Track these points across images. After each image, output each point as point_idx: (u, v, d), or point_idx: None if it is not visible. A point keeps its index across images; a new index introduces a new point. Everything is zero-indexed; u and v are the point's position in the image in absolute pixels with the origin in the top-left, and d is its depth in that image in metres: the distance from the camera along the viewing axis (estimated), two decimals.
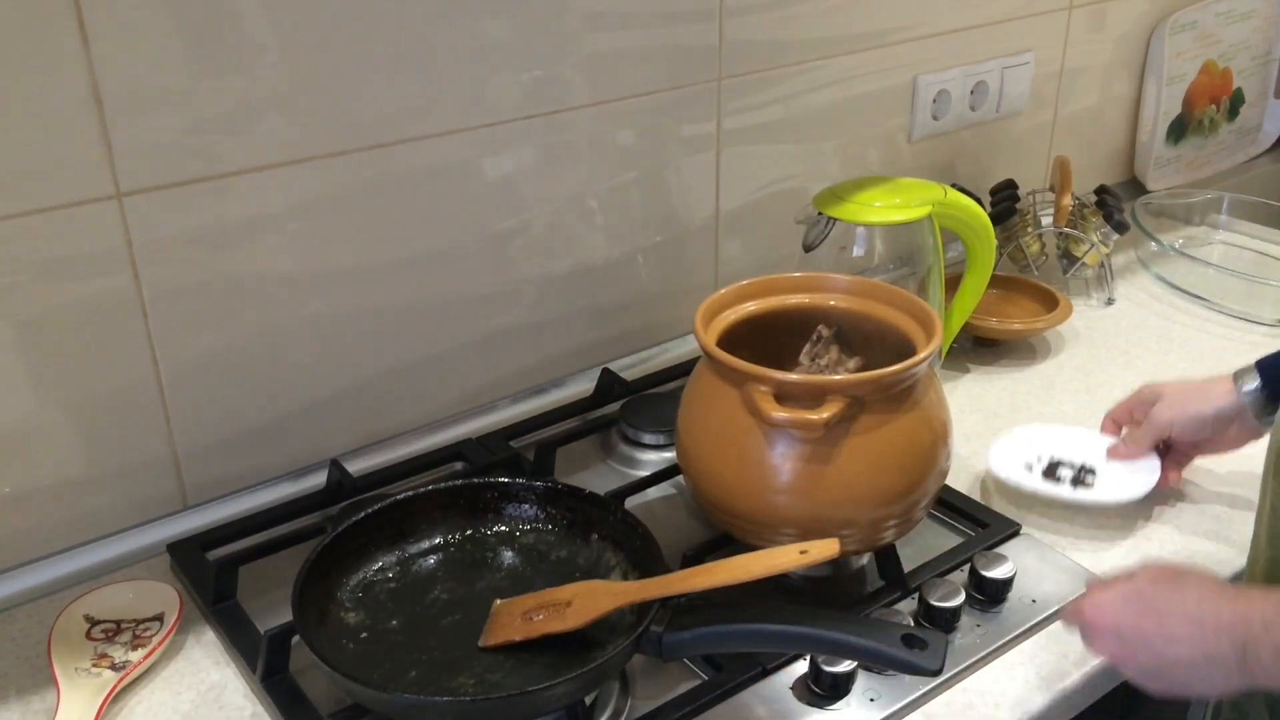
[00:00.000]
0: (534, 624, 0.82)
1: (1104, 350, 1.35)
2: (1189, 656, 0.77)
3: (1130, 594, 0.81)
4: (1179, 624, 0.77)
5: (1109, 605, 0.81)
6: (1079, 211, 1.48)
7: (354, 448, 1.11)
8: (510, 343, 1.19)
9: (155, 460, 1.00)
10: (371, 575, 0.90)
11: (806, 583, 0.96)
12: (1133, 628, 0.79)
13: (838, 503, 0.87)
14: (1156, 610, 0.79)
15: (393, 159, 1.04)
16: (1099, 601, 0.82)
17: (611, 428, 1.17)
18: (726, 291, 0.98)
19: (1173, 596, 0.79)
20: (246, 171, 0.96)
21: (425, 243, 1.09)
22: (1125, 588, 0.81)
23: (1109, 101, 1.71)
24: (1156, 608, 0.79)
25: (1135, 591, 0.81)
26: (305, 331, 1.04)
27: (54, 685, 0.85)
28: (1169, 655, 0.78)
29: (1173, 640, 0.78)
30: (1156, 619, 0.78)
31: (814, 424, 0.84)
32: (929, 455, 0.89)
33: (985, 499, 1.07)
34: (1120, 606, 0.80)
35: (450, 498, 0.94)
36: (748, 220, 1.33)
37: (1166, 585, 0.80)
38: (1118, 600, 0.81)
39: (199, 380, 1.00)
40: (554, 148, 1.14)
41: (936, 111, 1.45)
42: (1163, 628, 0.78)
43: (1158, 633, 0.78)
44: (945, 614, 0.89)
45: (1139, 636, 0.79)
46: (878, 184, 1.17)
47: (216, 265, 0.97)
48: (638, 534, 0.88)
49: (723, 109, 1.25)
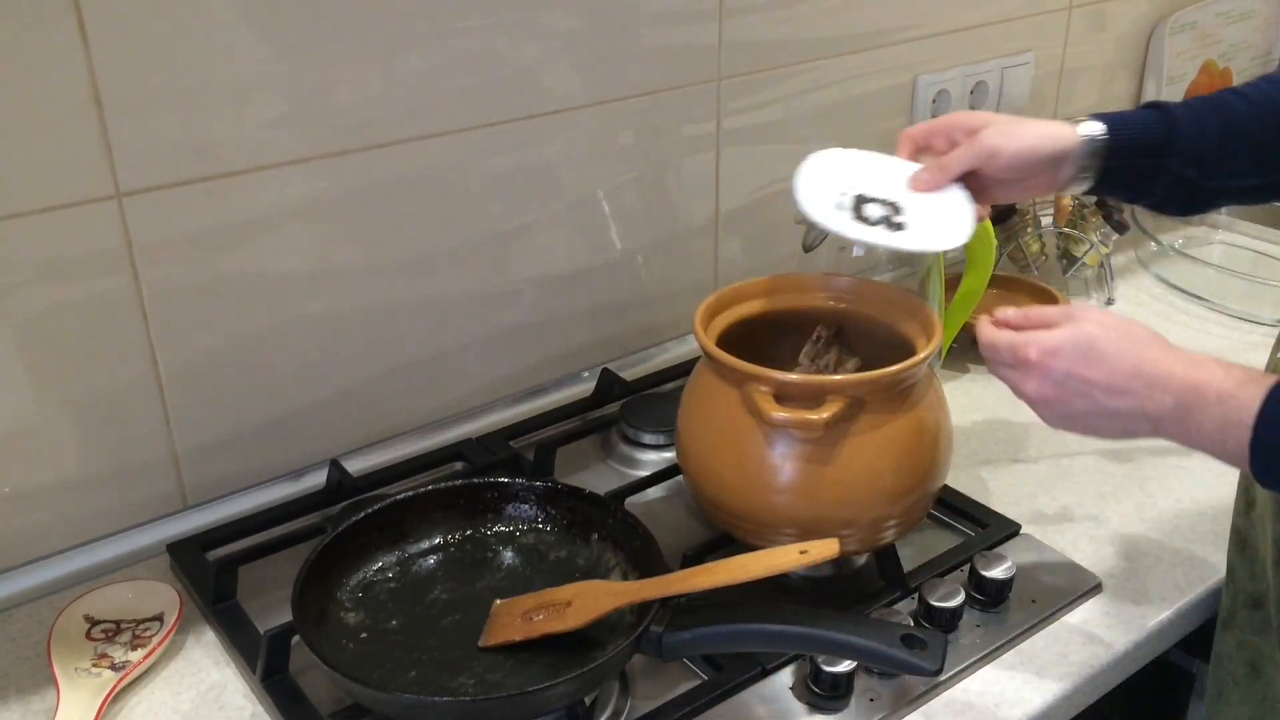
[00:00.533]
0: (534, 624, 0.82)
1: None
2: (1126, 409, 0.77)
3: (1082, 339, 0.79)
4: (1127, 378, 0.77)
5: (1059, 348, 0.79)
6: (1079, 211, 1.48)
7: (354, 448, 1.11)
8: (510, 343, 1.19)
9: (155, 460, 1.00)
10: (371, 575, 0.90)
11: (806, 583, 0.96)
12: (1077, 374, 0.78)
13: (838, 503, 0.87)
14: (1106, 360, 0.78)
15: (393, 159, 1.04)
16: (1046, 342, 0.79)
17: (611, 428, 1.17)
18: (726, 291, 0.98)
19: (1127, 349, 0.78)
20: (246, 172, 0.96)
21: (425, 243, 1.09)
22: (1074, 331, 0.79)
23: (1109, 101, 1.71)
24: (1106, 357, 0.78)
25: (1086, 336, 0.79)
26: (305, 331, 1.04)
27: (54, 685, 0.85)
28: (1107, 406, 0.78)
29: (1115, 392, 0.77)
30: (1106, 369, 0.78)
31: (814, 424, 0.84)
32: (929, 455, 0.89)
33: (985, 498, 1.07)
34: (1070, 351, 0.78)
35: (450, 498, 0.94)
36: (748, 220, 1.33)
37: (1118, 335, 0.79)
38: (1067, 344, 0.79)
39: (199, 380, 1.00)
40: (554, 148, 1.14)
41: (936, 111, 1.45)
42: (1110, 378, 0.77)
43: (1103, 382, 0.77)
44: (945, 614, 0.89)
45: (1080, 383, 0.78)
46: None
47: (216, 265, 0.97)
48: (637, 534, 0.88)
49: (722, 109, 1.25)
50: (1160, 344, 0.79)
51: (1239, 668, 0.92)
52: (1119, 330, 0.79)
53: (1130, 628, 0.92)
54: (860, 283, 1.00)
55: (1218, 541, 1.01)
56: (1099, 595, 0.95)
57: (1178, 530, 1.03)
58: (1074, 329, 0.80)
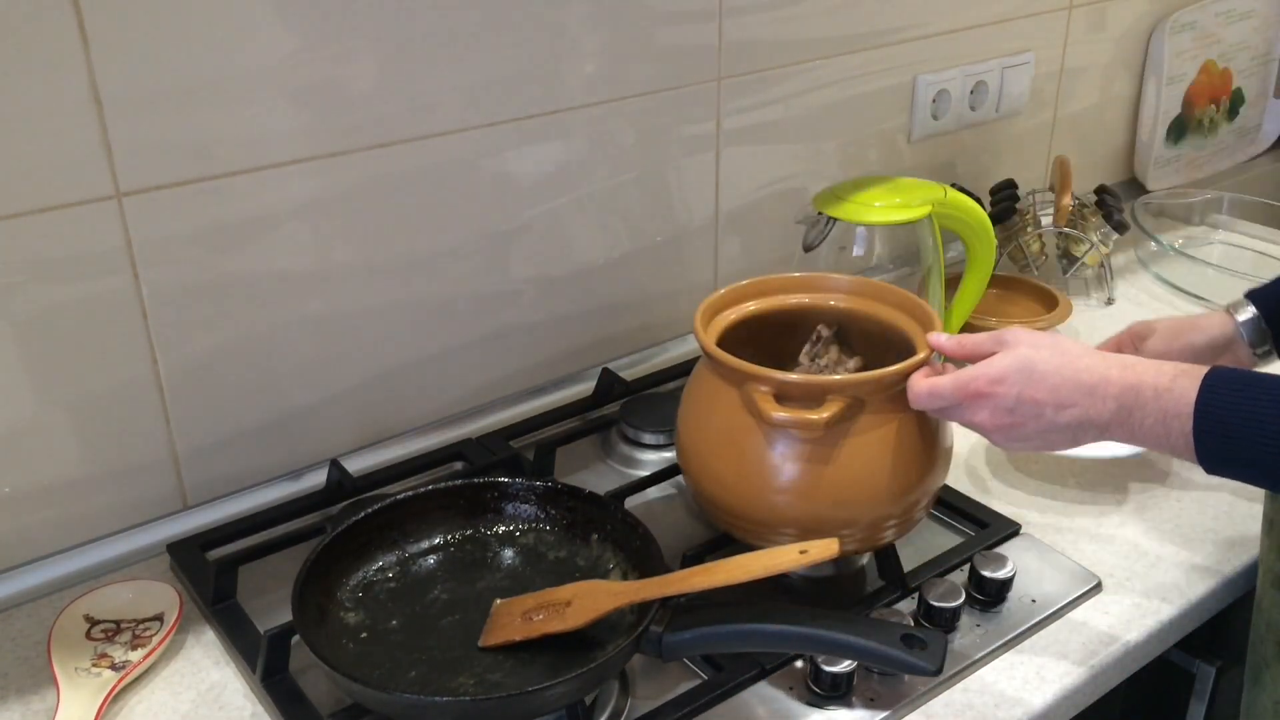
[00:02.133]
0: (534, 624, 0.82)
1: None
2: (1074, 420, 0.80)
3: (1023, 363, 0.81)
4: (1071, 391, 0.80)
5: (1004, 375, 0.81)
6: (1079, 211, 1.47)
7: (354, 447, 1.11)
8: (510, 342, 1.19)
9: (155, 460, 1.00)
10: (371, 575, 0.90)
11: (806, 583, 0.96)
12: (1027, 398, 0.81)
13: (837, 502, 0.87)
14: (1047, 379, 0.81)
15: (393, 159, 1.04)
16: (991, 372, 0.82)
17: (611, 428, 1.17)
18: (726, 291, 0.98)
19: (1063, 364, 0.81)
20: (247, 171, 0.96)
21: (425, 242, 1.09)
22: (1014, 357, 0.82)
23: (1109, 101, 1.71)
24: (1047, 375, 0.81)
25: (1025, 360, 0.81)
26: (305, 331, 1.04)
27: (54, 685, 0.85)
28: (1057, 421, 0.81)
29: (1063, 407, 0.80)
30: (1049, 388, 0.80)
31: (814, 424, 0.84)
32: (929, 455, 0.89)
33: (985, 498, 1.06)
34: (1015, 377, 0.81)
35: (450, 498, 0.94)
36: (747, 220, 1.33)
37: (1051, 352, 0.82)
38: (1012, 370, 0.81)
39: (199, 380, 1.00)
40: (554, 148, 1.14)
41: (936, 111, 1.45)
42: (1055, 395, 0.80)
43: (1050, 400, 0.80)
44: (945, 614, 0.89)
45: (1031, 405, 0.81)
46: (878, 184, 1.17)
47: (216, 265, 0.97)
48: (637, 534, 0.88)
49: (722, 109, 1.25)
50: (1090, 353, 0.82)
51: (1269, 649, 0.92)
52: (1050, 347, 0.82)
53: (1131, 627, 0.91)
54: (860, 282, 1.00)
55: (1218, 540, 1.01)
56: (1099, 595, 0.95)
57: (1178, 529, 1.03)
58: (1012, 355, 0.82)
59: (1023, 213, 1.48)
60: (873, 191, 1.15)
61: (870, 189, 1.16)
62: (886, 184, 1.18)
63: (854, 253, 1.18)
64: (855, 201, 1.14)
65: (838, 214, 1.13)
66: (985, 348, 0.85)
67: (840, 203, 1.14)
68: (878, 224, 1.15)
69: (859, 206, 1.13)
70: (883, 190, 1.16)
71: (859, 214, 1.13)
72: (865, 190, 1.15)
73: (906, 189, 1.17)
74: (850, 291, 1.00)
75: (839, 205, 1.14)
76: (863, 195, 1.14)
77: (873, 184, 1.17)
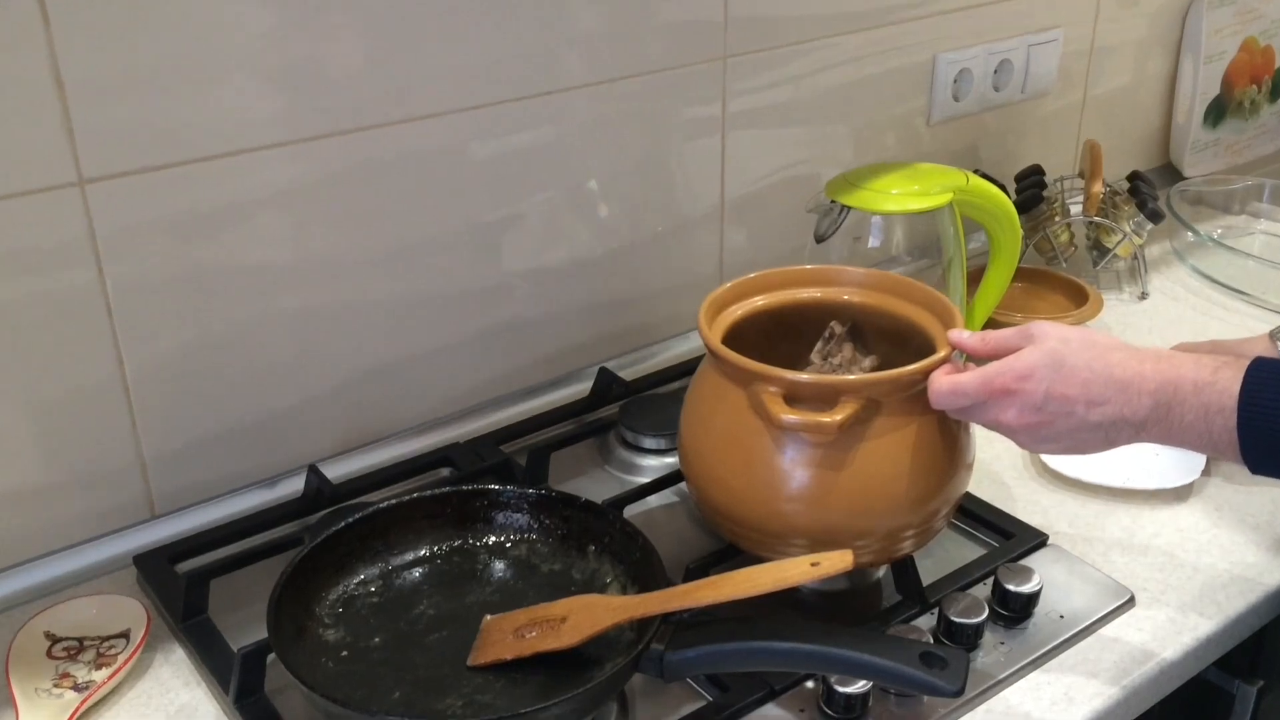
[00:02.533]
0: (526, 641, 0.82)
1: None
2: (1108, 418, 0.80)
3: (1052, 357, 0.81)
4: (1103, 387, 0.80)
5: (1032, 371, 0.81)
6: (1110, 199, 1.48)
7: (334, 453, 1.12)
8: (501, 340, 1.19)
9: (120, 466, 1.00)
10: (352, 589, 0.90)
11: (818, 597, 0.96)
12: (1056, 394, 0.80)
13: (852, 512, 0.87)
14: (1078, 374, 0.80)
15: (375, 143, 1.04)
16: (1018, 368, 0.81)
17: (609, 431, 1.17)
18: (732, 285, 0.98)
19: (1094, 358, 0.81)
20: (219, 157, 0.96)
21: (410, 233, 1.09)
22: (1042, 351, 0.81)
23: (1142, 81, 1.71)
24: (1077, 371, 0.80)
25: (1054, 354, 0.81)
26: (282, 328, 1.04)
27: (12, 707, 0.85)
28: (1089, 419, 0.80)
29: (1095, 403, 0.80)
30: (1080, 383, 0.80)
31: (826, 427, 0.84)
32: (949, 460, 0.89)
33: (1010, 506, 1.07)
34: (1044, 372, 0.81)
35: (437, 506, 0.94)
36: (755, 209, 1.33)
37: (1081, 345, 0.82)
38: (1040, 365, 0.81)
39: (167, 380, 1.00)
40: (547, 132, 1.14)
41: (958, 92, 1.45)
42: (1087, 391, 0.80)
43: (1081, 396, 0.80)
44: (967, 630, 0.89)
45: (1061, 402, 0.81)
46: (895, 170, 1.17)
47: (186, 257, 0.97)
48: (637, 545, 0.88)
49: (728, 89, 1.25)
50: (1123, 346, 0.82)
51: None
52: (1081, 341, 0.82)
53: (1166, 644, 0.92)
54: (876, 276, 1.00)
55: (1261, 550, 1.01)
56: (1132, 609, 0.95)
57: (1217, 539, 1.03)
58: (1040, 349, 0.82)
59: (1050, 201, 1.49)
60: (889, 178, 1.15)
61: (887, 175, 1.16)
62: (904, 170, 1.18)
63: (869, 244, 1.18)
64: (871, 189, 1.14)
65: (852, 202, 1.13)
66: (1011, 343, 0.85)
67: (855, 190, 1.14)
68: (895, 213, 1.15)
69: (875, 194, 1.13)
70: (900, 177, 1.16)
71: (875, 202, 1.13)
72: (881, 177, 1.15)
73: (926, 175, 1.17)
74: (865, 285, 1.00)
75: (853, 193, 1.14)
76: (879, 182, 1.15)
77: (889, 170, 1.17)
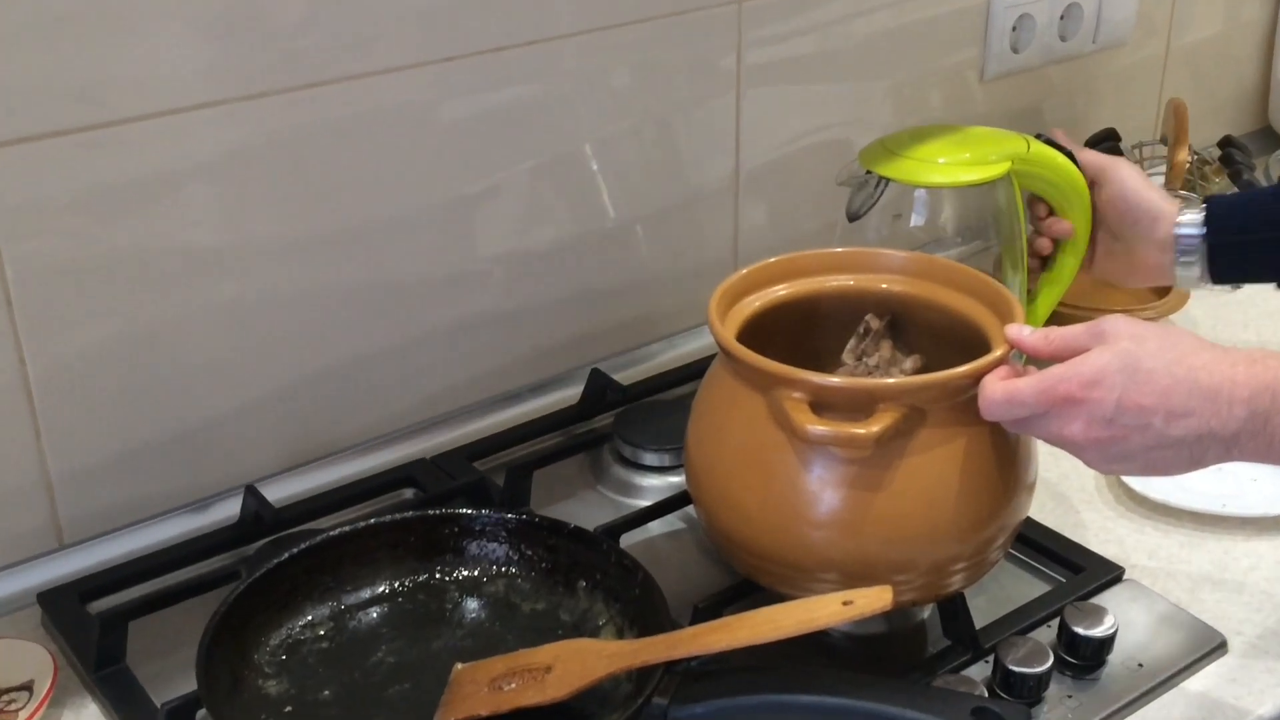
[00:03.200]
0: (504, 695, 0.82)
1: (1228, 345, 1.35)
2: (1192, 434, 0.80)
3: (1126, 360, 0.81)
4: (1187, 396, 0.80)
5: (1102, 376, 0.81)
6: (1198, 170, 1.48)
7: (276, 471, 1.12)
8: (475, 337, 1.19)
9: (21, 486, 1.00)
10: (298, 633, 0.90)
11: (851, 642, 0.96)
12: (1130, 404, 0.80)
13: (891, 541, 0.87)
14: (1155, 379, 0.80)
15: (326, 103, 1.04)
16: (1085, 373, 0.81)
17: (603, 445, 1.17)
18: (749, 271, 0.98)
19: (1175, 360, 0.81)
20: (140, 119, 0.96)
21: (368, 209, 1.09)
22: (1115, 352, 0.81)
23: (1236, 30, 1.71)
24: (1155, 377, 0.80)
25: (1129, 355, 0.81)
26: (214, 322, 1.04)
27: None
28: (1170, 435, 0.80)
29: (1177, 416, 0.80)
30: (1158, 391, 0.80)
31: (861, 440, 0.84)
32: (1007, 480, 0.89)
33: (1079, 534, 1.06)
34: (1116, 378, 0.80)
35: (398, 535, 0.94)
36: (776, 181, 1.33)
37: (1160, 345, 0.81)
38: (1112, 369, 0.81)
39: (78, 384, 1.00)
40: (531, 89, 1.14)
41: (1017, 42, 1.45)
42: (1167, 400, 0.80)
43: (1160, 406, 0.80)
44: (1028, 682, 0.89)
45: (1136, 413, 0.80)
46: (942, 135, 1.17)
47: (102, 237, 0.97)
48: (636, 580, 0.88)
49: (744, 39, 1.25)
50: (1208, 347, 0.82)
51: None
52: (1159, 339, 0.82)
53: (1264, 698, 0.91)
54: (920, 260, 1.00)
55: None
56: (1224, 657, 0.95)
57: None
58: (1111, 350, 0.82)
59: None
60: (935, 145, 1.15)
61: (933, 141, 1.16)
62: (953, 135, 1.18)
63: (911, 222, 1.18)
64: (913, 158, 1.14)
65: (891, 173, 1.13)
66: (1079, 342, 0.85)
67: (894, 159, 1.14)
68: (942, 186, 1.15)
69: (918, 164, 1.13)
70: (948, 143, 1.16)
71: (918, 173, 1.13)
72: (926, 143, 1.15)
73: (978, 141, 1.17)
74: (907, 272, 1.00)
75: (892, 162, 1.14)
76: (923, 149, 1.14)
77: (936, 135, 1.17)
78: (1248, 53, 1.75)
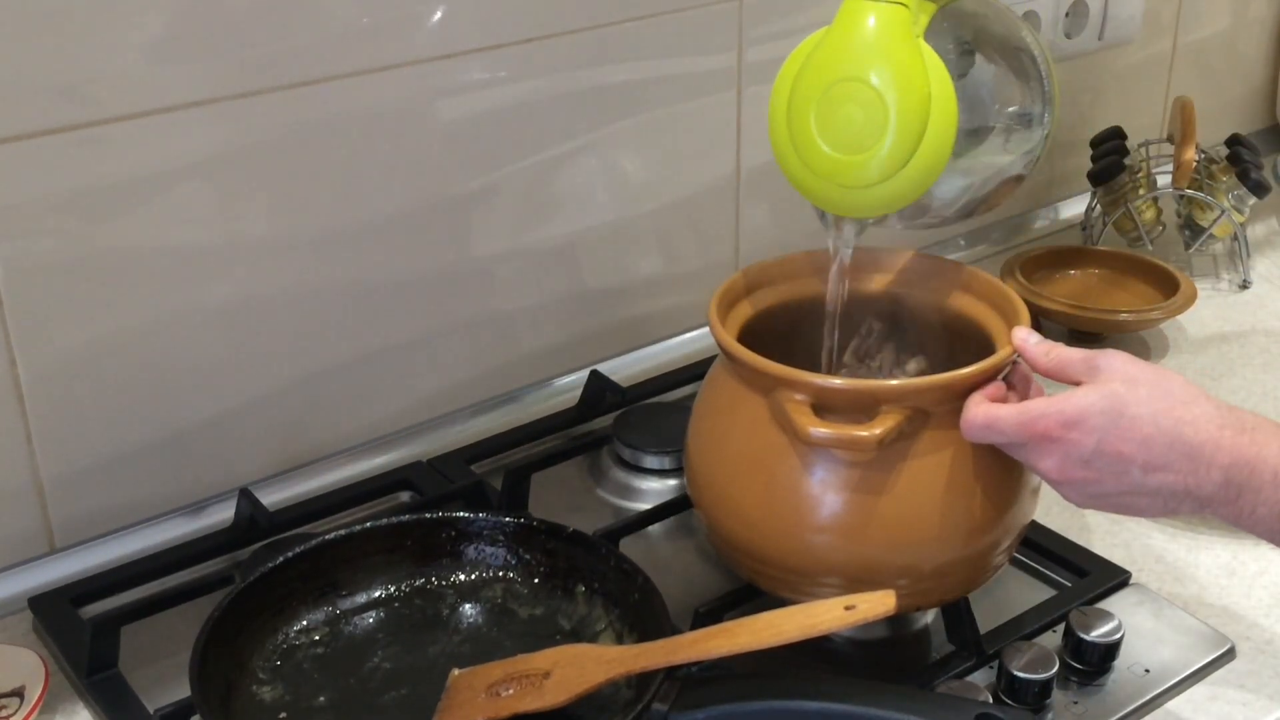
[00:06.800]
0: (502, 701, 0.82)
1: (1238, 347, 1.35)
2: (1167, 487, 0.80)
3: (1111, 404, 0.80)
4: (1167, 450, 0.80)
5: (1083, 418, 0.80)
6: (1206, 169, 1.48)
7: (270, 474, 1.12)
8: (472, 338, 1.19)
9: (13, 489, 1.00)
10: (293, 638, 0.90)
11: (854, 648, 0.96)
12: (1109, 450, 0.80)
13: (894, 544, 0.87)
14: (1138, 427, 0.80)
15: (322, 100, 1.04)
16: (1068, 412, 0.81)
17: (602, 447, 1.17)
18: (750, 271, 0.99)
19: (1162, 411, 0.80)
20: (129, 118, 0.96)
21: (362, 209, 1.09)
22: (1100, 395, 0.81)
23: (1244, 27, 1.71)
24: (1139, 422, 0.80)
25: (1115, 399, 0.81)
26: (206, 323, 1.05)
27: None
28: (1146, 484, 0.80)
29: (1155, 469, 0.80)
30: (1139, 440, 0.80)
31: (864, 443, 0.84)
32: (1011, 483, 0.89)
33: (1085, 538, 1.06)
34: (1098, 421, 0.80)
35: (394, 539, 0.94)
36: (778, 180, 1.33)
37: (1150, 392, 0.81)
38: (1094, 412, 0.80)
39: (70, 387, 1.00)
40: (529, 87, 1.14)
41: None
42: (1146, 451, 0.80)
43: (1139, 456, 0.80)
44: (1033, 688, 0.89)
45: (1114, 460, 0.80)
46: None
47: (92, 238, 0.97)
48: (636, 585, 0.88)
49: (745, 35, 1.25)
50: (1202, 400, 0.82)
51: None
52: (1151, 385, 0.82)
53: (1273, 704, 0.92)
54: (924, 260, 1.00)
55: None
56: (1232, 663, 0.95)
57: None
58: (1099, 392, 0.81)
59: (1133, 171, 1.49)
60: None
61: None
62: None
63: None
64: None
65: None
66: (1074, 370, 0.85)
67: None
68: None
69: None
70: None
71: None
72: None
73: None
74: (911, 272, 1.00)
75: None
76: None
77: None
78: (1256, 50, 1.75)
